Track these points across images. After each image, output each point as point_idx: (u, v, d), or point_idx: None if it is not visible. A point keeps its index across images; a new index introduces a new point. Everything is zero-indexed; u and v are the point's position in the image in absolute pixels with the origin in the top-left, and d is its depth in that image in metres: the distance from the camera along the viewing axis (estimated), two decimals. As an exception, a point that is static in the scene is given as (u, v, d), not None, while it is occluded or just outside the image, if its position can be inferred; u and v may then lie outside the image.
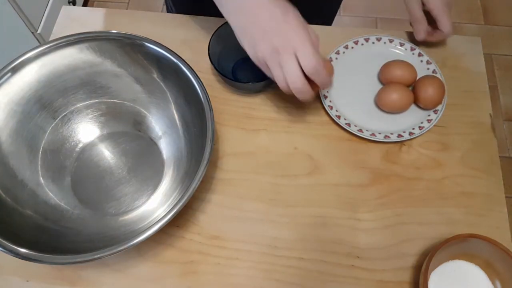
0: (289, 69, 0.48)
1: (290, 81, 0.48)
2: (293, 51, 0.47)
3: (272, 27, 0.47)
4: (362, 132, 0.59)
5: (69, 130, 0.60)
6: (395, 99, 0.59)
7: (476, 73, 0.65)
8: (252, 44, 0.49)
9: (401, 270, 0.52)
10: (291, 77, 0.48)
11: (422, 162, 0.58)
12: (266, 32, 0.48)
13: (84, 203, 0.57)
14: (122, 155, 0.60)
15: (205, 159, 0.49)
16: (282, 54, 0.47)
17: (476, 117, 0.61)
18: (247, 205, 0.56)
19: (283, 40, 0.47)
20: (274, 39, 0.47)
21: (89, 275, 0.52)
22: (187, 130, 0.57)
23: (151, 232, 0.45)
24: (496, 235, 0.49)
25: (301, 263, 0.53)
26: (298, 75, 0.48)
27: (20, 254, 0.45)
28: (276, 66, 0.48)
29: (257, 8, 0.48)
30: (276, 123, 0.61)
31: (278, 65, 0.48)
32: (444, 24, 0.60)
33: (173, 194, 0.55)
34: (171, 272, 0.52)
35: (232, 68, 0.65)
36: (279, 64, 0.48)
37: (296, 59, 0.47)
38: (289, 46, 0.47)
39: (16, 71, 0.55)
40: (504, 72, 1.57)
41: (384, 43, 0.66)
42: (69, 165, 0.59)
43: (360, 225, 0.55)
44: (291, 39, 0.47)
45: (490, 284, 0.49)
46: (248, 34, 0.49)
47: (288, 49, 0.47)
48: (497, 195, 0.56)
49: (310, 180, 0.57)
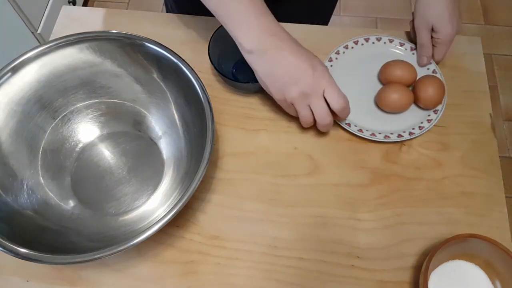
0: (319, 109, 0.54)
1: (320, 118, 0.54)
2: (322, 93, 0.53)
3: (302, 73, 0.52)
4: (362, 132, 0.59)
5: (69, 130, 0.60)
6: (395, 99, 0.59)
7: (476, 73, 0.65)
8: (280, 89, 0.53)
9: (401, 270, 0.52)
10: (321, 115, 0.54)
11: (422, 162, 0.58)
12: (297, 79, 0.52)
13: (84, 203, 0.57)
14: (122, 155, 0.60)
15: (205, 159, 0.49)
16: (313, 97, 0.53)
17: (476, 117, 0.61)
18: (247, 205, 0.56)
19: (314, 85, 0.52)
20: (305, 85, 0.52)
21: (89, 275, 0.52)
22: (187, 130, 0.57)
23: (151, 232, 0.45)
24: (496, 235, 0.49)
25: (301, 263, 0.53)
26: (328, 113, 0.54)
27: (20, 254, 0.45)
28: (305, 108, 0.54)
29: (285, 55, 0.52)
30: (276, 123, 0.61)
31: (307, 107, 0.54)
32: (439, 54, 0.62)
33: (173, 194, 0.55)
34: (171, 272, 0.52)
35: (232, 68, 0.65)
36: (307, 106, 0.54)
37: (324, 99, 0.53)
38: (320, 89, 0.52)
39: (16, 71, 0.55)
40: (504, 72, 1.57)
41: (384, 43, 0.66)
42: (69, 165, 0.59)
43: (360, 225, 0.55)
44: (321, 84, 0.52)
45: (490, 284, 0.49)
46: (277, 80, 0.53)
47: (319, 92, 0.52)
48: (497, 195, 0.56)
49: (310, 180, 0.57)
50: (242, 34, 0.52)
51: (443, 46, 0.61)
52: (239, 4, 0.51)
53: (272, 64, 0.52)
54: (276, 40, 0.51)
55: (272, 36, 0.51)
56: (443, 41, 0.60)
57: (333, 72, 0.64)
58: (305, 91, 0.52)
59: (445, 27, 0.59)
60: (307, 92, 0.52)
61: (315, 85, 0.52)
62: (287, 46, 0.52)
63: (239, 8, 0.51)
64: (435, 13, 0.59)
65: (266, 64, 0.53)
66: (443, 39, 0.60)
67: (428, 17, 0.60)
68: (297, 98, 0.53)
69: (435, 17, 0.59)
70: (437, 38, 0.61)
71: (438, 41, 0.61)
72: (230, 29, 0.52)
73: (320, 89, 0.52)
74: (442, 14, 0.59)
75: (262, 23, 0.51)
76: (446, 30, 0.59)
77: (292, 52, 0.52)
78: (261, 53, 0.52)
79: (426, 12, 0.60)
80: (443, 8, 0.59)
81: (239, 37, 0.52)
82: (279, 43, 0.52)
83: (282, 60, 0.52)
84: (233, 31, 0.52)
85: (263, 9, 0.52)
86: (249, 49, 0.52)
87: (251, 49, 0.52)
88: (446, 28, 0.59)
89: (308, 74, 0.52)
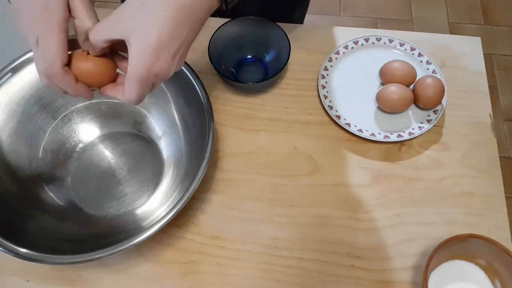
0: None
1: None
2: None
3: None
4: (362, 132, 0.59)
5: (69, 130, 0.60)
6: (395, 99, 0.59)
7: (476, 73, 0.65)
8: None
9: (401, 270, 0.52)
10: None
11: (422, 162, 0.58)
12: None
13: (84, 203, 0.57)
14: (122, 155, 0.60)
15: (205, 159, 0.49)
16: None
17: (476, 117, 0.61)
18: (247, 205, 0.56)
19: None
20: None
21: (89, 275, 0.52)
22: (187, 130, 0.57)
23: (151, 232, 0.45)
24: (496, 235, 0.49)
25: (301, 263, 0.53)
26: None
27: (20, 254, 0.45)
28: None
29: None
30: (276, 123, 0.61)
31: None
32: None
33: (173, 194, 0.55)
34: (171, 272, 0.52)
35: (232, 68, 0.65)
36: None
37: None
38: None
39: (16, 71, 0.55)
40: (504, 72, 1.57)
41: (384, 43, 0.66)
42: (69, 165, 0.59)
43: (360, 225, 0.55)
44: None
45: (490, 284, 0.49)
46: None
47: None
48: (497, 195, 0.56)
49: (310, 180, 0.57)
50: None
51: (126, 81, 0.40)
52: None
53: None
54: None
55: None
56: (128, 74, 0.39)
57: (333, 72, 0.64)
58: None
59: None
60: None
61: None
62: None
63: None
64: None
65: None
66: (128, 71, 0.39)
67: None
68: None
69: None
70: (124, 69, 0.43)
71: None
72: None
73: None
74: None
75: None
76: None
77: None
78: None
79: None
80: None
81: None
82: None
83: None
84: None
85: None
86: None
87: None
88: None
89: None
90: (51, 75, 0.40)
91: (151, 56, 0.37)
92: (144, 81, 0.39)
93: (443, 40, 0.68)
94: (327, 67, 0.64)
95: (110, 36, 0.39)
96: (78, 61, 0.41)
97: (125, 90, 0.40)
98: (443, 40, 0.68)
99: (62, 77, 0.40)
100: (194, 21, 0.39)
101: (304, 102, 0.63)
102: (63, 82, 0.41)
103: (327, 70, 0.64)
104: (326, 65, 0.64)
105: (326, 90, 0.62)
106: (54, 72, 0.40)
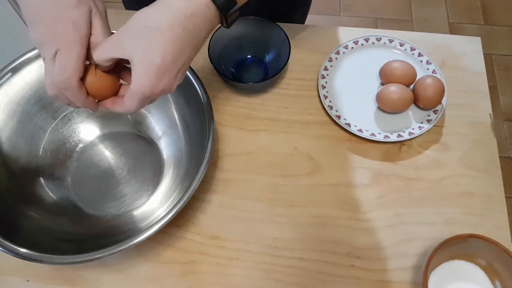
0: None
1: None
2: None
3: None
4: (362, 132, 0.59)
5: (69, 130, 0.60)
6: (395, 99, 0.59)
7: (476, 73, 0.65)
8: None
9: (401, 270, 0.52)
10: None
11: (422, 162, 0.58)
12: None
13: (84, 203, 0.57)
14: (122, 155, 0.60)
15: (205, 159, 0.49)
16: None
17: (476, 117, 0.61)
18: (247, 205, 0.56)
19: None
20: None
21: (89, 275, 0.52)
22: (187, 130, 0.57)
23: (151, 232, 0.45)
24: (496, 235, 0.49)
25: (301, 263, 0.53)
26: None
27: (20, 254, 0.45)
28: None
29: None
30: (276, 123, 0.61)
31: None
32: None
33: (173, 194, 0.55)
34: (171, 272, 0.52)
35: (232, 68, 0.65)
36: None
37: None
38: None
39: (16, 71, 0.55)
40: (504, 72, 1.57)
41: (384, 43, 0.66)
42: (69, 165, 0.59)
43: (360, 225, 0.55)
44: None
45: (490, 284, 0.49)
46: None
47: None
48: (497, 195, 0.56)
49: (310, 180, 0.57)
50: None
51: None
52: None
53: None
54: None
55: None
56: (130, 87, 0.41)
57: (333, 72, 0.64)
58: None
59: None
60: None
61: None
62: None
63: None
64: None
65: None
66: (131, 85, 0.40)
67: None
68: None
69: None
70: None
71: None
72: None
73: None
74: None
75: None
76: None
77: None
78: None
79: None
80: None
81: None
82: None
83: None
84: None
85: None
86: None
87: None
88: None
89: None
90: (66, 88, 0.40)
91: (155, 77, 0.39)
92: (145, 99, 0.41)
93: (443, 40, 0.68)
94: (327, 67, 0.64)
95: (113, 55, 0.40)
96: (88, 75, 0.42)
97: (125, 103, 0.42)
98: (443, 40, 0.68)
99: (77, 90, 0.41)
100: (196, 42, 0.41)
101: (304, 102, 0.63)
102: (76, 95, 0.41)
103: (327, 70, 0.64)
104: (326, 65, 0.64)
105: (326, 90, 0.62)
106: (70, 85, 0.40)
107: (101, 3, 0.43)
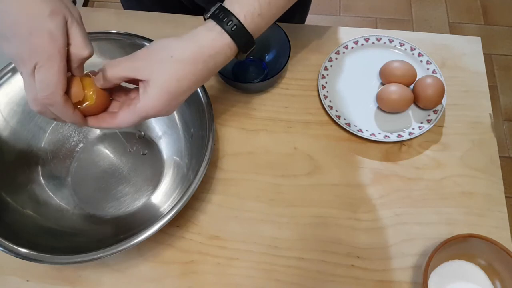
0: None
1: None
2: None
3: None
4: (362, 132, 0.59)
5: (69, 130, 0.60)
6: (395, 99, 0.59)
7: (476, 73, 0.65)
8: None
9: (401, 270, 0.52)
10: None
11: (422, 162, 0.58)
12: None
13: (84, 203, 0.57)
14: (122, 155, 0.60)
15: (205, 159, 0.49)
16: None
17: (476, 117, 0.61)
18: (247, 205, 0.56)
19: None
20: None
21: (89, 275, 0.52)
22: (187, 130, 0.57)
23: (151, 232, 0.45)
24: (496, 235, 0.49)
25: (301, 263, 0.53)
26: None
27: (20, 254, 0.45)
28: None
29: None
30: (276, 123, 0.61)
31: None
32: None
33: (173, 194, 0.55)
34: (171, 272, 0.52)
35: (232, 68, 0.65)
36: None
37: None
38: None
39: (16, 71, 0.55)
40: (504, 72, 1.57)
41: (384, 43, 0.66)
42: (69, 165, 0.59)
43: (360, 225, 0.55)
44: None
45: (490, 284, 0.49)
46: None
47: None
48: (497, 195, 0.56)
49: (310, 180, 0.57)
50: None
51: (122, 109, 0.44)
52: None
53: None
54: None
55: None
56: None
57: (333, 72, 0.64)
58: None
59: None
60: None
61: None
62: None
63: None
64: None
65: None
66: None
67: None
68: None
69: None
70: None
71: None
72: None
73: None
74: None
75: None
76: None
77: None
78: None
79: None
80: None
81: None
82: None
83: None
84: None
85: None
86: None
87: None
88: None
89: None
90: (51, 104, 0.39)
91: (164, 103, 0.41)
92: (145, 118, 0.43)
93: (443, 40, 0.68)
94: (327, 67, 0.64)
95: (129, 75, 0.41)
96: (73, 87, 0.40)
97: (121, 117, 0.43)
98: (443, 40, 0.68)
99: (62, 105, 0.40)
100: (210, 75, 0.44)
101: (304, 102, 0.63)
102: (63, 110, 0.40)
103: (327, 70, 0.64)
104: (326, 65, 0.64)
105: (326, 90, 0.62)
106: (54, 100, 0.39)
107: (76, 10, 0.41)
